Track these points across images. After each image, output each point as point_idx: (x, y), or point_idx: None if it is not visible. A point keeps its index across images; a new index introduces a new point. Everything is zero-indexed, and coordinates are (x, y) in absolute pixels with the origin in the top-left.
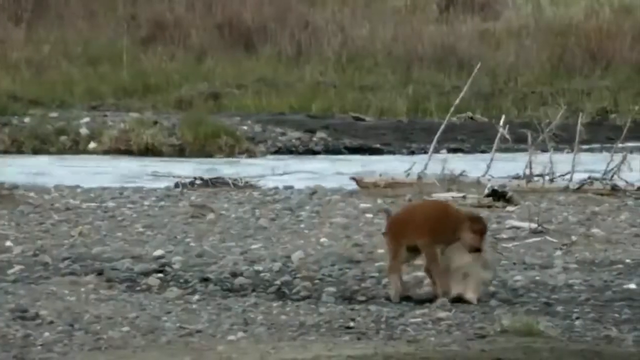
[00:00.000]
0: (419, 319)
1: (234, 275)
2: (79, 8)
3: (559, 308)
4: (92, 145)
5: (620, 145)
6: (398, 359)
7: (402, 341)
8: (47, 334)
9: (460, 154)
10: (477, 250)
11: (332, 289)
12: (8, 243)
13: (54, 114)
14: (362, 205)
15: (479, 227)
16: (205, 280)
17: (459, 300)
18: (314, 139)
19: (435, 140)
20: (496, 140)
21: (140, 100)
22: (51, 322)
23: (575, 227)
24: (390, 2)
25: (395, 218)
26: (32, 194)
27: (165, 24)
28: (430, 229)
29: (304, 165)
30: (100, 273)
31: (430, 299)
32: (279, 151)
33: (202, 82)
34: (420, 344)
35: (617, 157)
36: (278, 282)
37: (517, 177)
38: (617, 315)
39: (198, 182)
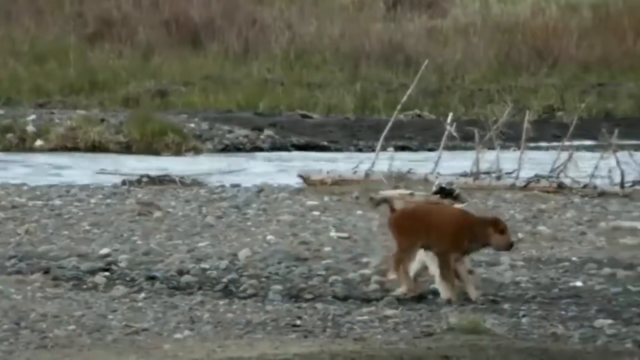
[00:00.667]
0: (366, 317)
1: (181, 273)
2: (26, 5)
3: (506, 305)
4: (38, 142)
5: (566, 143)
6: (345, 357)
7: (348, 339)
8: None
9: (407, 152)
10: (511, 245)
11: (278, 287)
12: None
13: (0, 112)
14: (309, 202)
15: (503, 226)
16: (152, 278)
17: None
18: (262, 136)
19: (382, 137)
20: (443, 138)
21: (87, 98)
22: None
23: (521, 224)
24: (338, 0)
25: (411, 214)
26: None
27: (112, 22)
28: (453, 240)
29: (251, 163)
30: (46, 271)
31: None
32: (226, 149)
33: (149, 80)
34: (367, 342)
35: (564, 155)
36: (225, 280)
37: (464, 175)
38: (563, 312)
39: (145, 179)
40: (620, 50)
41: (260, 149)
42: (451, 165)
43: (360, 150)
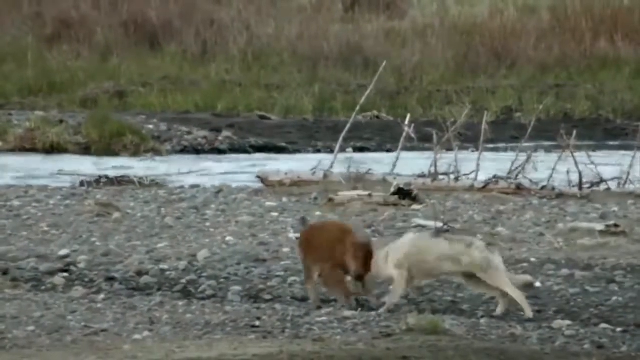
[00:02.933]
0: (325, 318)
1: (140, 274)
2: None
3: (465, 306)
4: None
5: (524, 144)
6: (304, 358)
7: (307, 340)
8: None
9: (366, 153)
10: (360, 277)
11: (237, 288)
12: None
13: None
14: (268, 203)
15: (362, 253)
16: (111, 279)
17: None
18: (220, 137)
19: (341, 138)
20: (402, 139)
21: (45, 99)
22: None
23: (480, 225)
24: (296, 1)
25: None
26: None
27: (71, 22)
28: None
29: (210, 164)
30: (5, 272)
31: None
32: (184, 150)
33: (107, 81)
34: (326, 342)
35: (522, 156)
36: (184, 281)
37: (422, 176)
38: (521, 313)
39: (104, 180)
40: (578, 52)
41: (219, 150)
42: (409, 166)
43: (318, 151)
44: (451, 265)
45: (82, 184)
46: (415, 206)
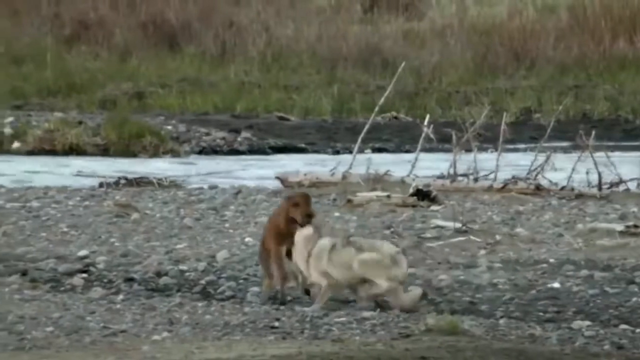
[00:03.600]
0: (344, 319)
1: (159, 275)
2: (2, 7)
3: (483, 307)
4: (15, 145)
5: (544, 144)
6: (323, 359)
7: (326, 341)
8: None
9: (384, 154)
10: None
11: (256, 289)
12: None
13: None
14: None
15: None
16: (130, 280)
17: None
18: (239, 138)
19: (359, 139)
20: (420, 140)
21: (64, 100)
22: None
23: (499, 226)
24: (315, 2)
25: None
26: None
27: (89, 23)
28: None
29: (229, 165)
30: (24, 273)
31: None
32: (203, 151)
33: (126, 82)
34: (345, 343)
35: (541, 157)
36: (203, 281)
37: (441, 177)
38: (541, 314)
39: (122, 181)
40: (597, 52)
41: (238, 151)
42: (428, 167)
43: (337, 152)
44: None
45: (101, 185)
46: (434, 207)
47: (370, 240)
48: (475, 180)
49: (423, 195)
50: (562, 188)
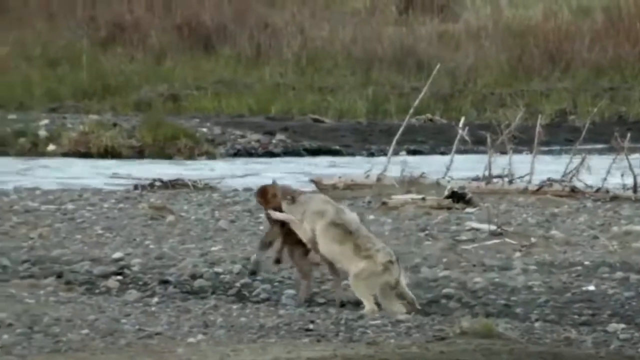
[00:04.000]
0: (379, 321)
1: (194, 277)
2: (38, 9)
3: (518, 310)
4: (51, 147)
5: (579, 146)
6: None
7: (361, 343)
8: (6, 336)
9: (419, 156)
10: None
11: (291, 292)
12: None
13: (12, 116)
14: None
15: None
16: (165, 282)
17: None
18: (273, 141)
19: (394, 141)
20: (455, 142)
21: (99, 102)
22: (10, 325)
23: (534, 228)
24: (350, 4)
25: None
26: None
27: (125, 26)
28: None
29: (264, 167)
30: (59, 275)
31: None
32: (238, 153)
33: (161, 84)
34: (380, 346)
35: (576, 159)
36: (238, 284)
37: (476, 179)
38: (576, 316)
39: (157, 183)
40: (632, 54)
41: (273, 154)
42: (463, 169)
43: (372, 154)
44: None
45: (135, 187)
46: (469, 209)
47: (370, 240)
48: (510, 182)
49: (458, 197)
50: (597, 190)
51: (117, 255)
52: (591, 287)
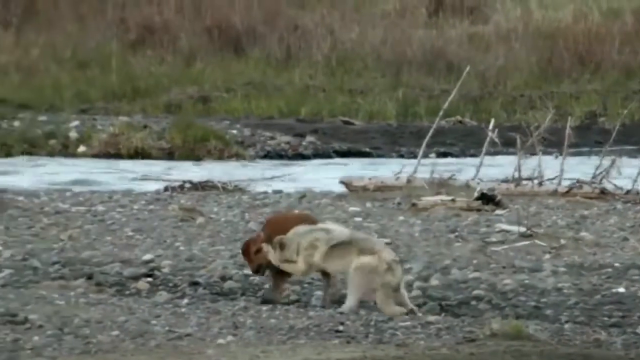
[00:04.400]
0: (408, 323)
1: (224, 279)
2: (68, 12)
3: (548, 311)
4: (81, 148)
5: (609, 148)
6: None
7: (391, 345)
8: (36, 338)
9: (449, 158)
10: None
11: (321, 293)
12: None
13: (43, 118)
14: (352, 209)
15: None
16: (195, 284)
17: None
18: (303, 143)
19: (424, 143)
20: (485, 144)
21: (129, 104)
22: (40, 326)
23: (564, 230)
24: (380, 6)
25: None
26: (21, 198)
27: (155, 28)
28: None
29: (293, 169)
30: (89, 277)
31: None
32: (268, 155)
33: (191, 86)
34: (410, 347)
35: (606, 161)
36: (267, 285)
37: (506, 181)
38: (606, 318)
39: (187, 185)
40: None
41: (302, 156)
42: (493, 171)
43: (402, 156)
44: None
45: (165, 189)
46: (499, 211)
47: (371, 241)
48: (540, 184)
49: (488, 199)
50: (627, 192)
51: (147, 257)
52: (621, 289)
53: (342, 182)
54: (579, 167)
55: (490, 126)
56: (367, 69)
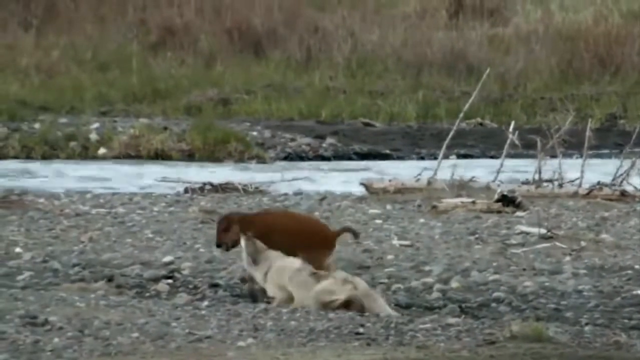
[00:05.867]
0: (429, 325)
1: (244, 281)
2: (89, 13)
3: (568, 314)
4: (101, 150)
5: (629, 150)
6: None
7: (411, 347)
8: (56, 339)
9: (469, 160)
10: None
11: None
12: (18, 249)
13: (63, 120)
14: (372, 210)
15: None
16: (215, 286)
17: None
18: (324, 144)
19: (445, 145)
20: (506, 146)
21: (149, 106)
22: (61, 328)
23: (584, 232)
24: (400, 8)
25: None
26: (41, 200)
27: (175, 29)
28: None
29: (314, 171)
30: (109, 279)
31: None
32: (288, 157)
33: (211, 88)
34: (430, 349)
35: (626, 163)
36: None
37: (526, 183)
38: (626, 321)
39: (207, 187)
40: None
41: (323, 157)
42: (513, 173)
43: (422, 158)
44: None
45: (186, 190)
46: (519, 213)
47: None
48: (560, 186)
49: (508, 201)
50: None
51: (167, 259)
52: None
53: (362, 184)
54: (599, 169)
55: (511, 128)
56: (387, 70)
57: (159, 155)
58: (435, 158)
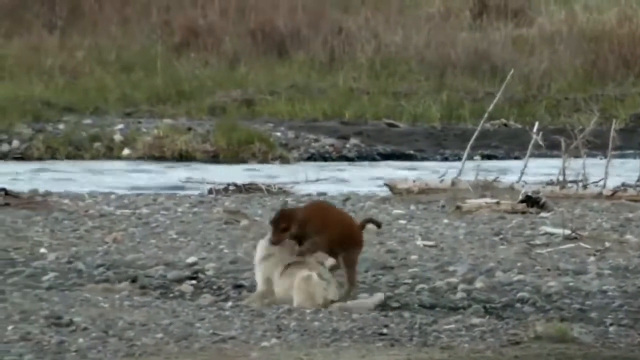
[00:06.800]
0: (453, 326)
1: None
2: (113, 15)
3: (593, 314)
4: (126, 151)
5: None
6: None
7: (435, 348)
8: (81, 340)
9: (493, 160)
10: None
11: (365, 295)
12: (42, 250)
13: (87, 121)
14: (396, 211)
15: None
16: (239, 286)
17: None
18: (347, 145)
19: (469, 146)
20: (530, 147)
21: (173, 107)
22: (85, 329)
23: (608, 233)
24: (424, 9)
25: None
26: (66, 201)
27: (199, 31)
28: None
29: (337, 172)
30: (134, 280)
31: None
32: (312, 157)
33: (235, 89)
34: (454, 350)
35: None
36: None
37: (550, 183)
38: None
39: (232, 188)
40: None
41: (346, 158)
42: (537, 173)
43: (446, 159)
44: None
45: (210, 191)
46: (543, 214)
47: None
48: (585, 187)
49: (532, 201)
50: None
51: (191, 259)
52: None
53: (386, 185)
54: (624, 170)
55: (535, 129)
56: (411, 71)
57: (183, 156)
58: (459, 158)
